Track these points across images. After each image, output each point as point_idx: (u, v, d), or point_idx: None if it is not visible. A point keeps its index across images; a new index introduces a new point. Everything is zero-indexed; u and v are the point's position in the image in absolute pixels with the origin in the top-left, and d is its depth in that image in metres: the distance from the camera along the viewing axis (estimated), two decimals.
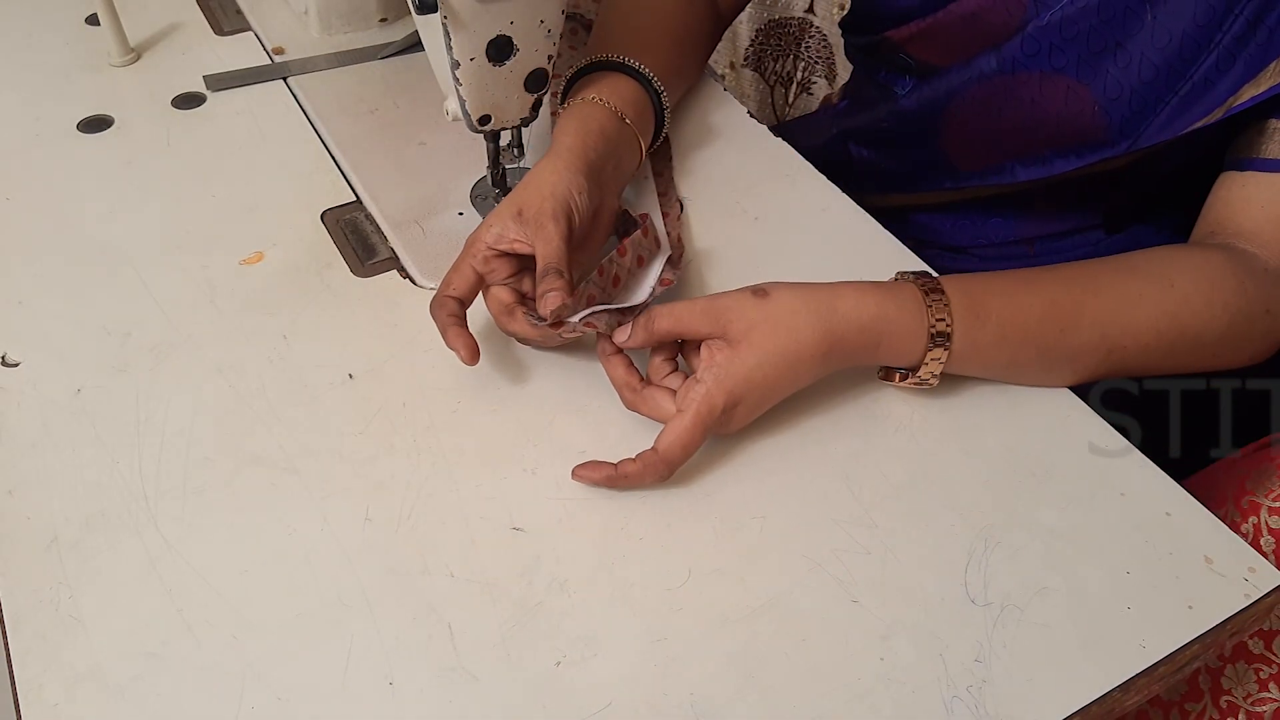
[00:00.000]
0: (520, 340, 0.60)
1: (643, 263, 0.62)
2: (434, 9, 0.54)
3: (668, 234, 0.68)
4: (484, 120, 0.62)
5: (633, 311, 0.56)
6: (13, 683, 0.44)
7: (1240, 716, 0.57)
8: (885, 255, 0.67)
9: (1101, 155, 0.67)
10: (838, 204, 0.72)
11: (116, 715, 0.43)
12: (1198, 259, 0.60)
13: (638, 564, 0.49)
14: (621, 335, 0.56)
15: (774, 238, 0.69)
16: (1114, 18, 0.63)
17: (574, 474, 0.53)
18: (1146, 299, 0.58)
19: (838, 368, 0.55)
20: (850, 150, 0.84)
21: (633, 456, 0.52)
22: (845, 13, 0.88)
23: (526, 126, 0.65)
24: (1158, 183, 0.74)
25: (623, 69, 0.67)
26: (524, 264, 0.59)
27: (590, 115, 0.64)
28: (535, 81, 0.61)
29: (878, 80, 0.80)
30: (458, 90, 0.60)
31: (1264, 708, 0.56)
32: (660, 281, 0.60)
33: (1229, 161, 0.64)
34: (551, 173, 0.59)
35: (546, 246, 0.57)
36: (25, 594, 0.47)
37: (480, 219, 0.69)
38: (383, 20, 0.89)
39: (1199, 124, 0.63)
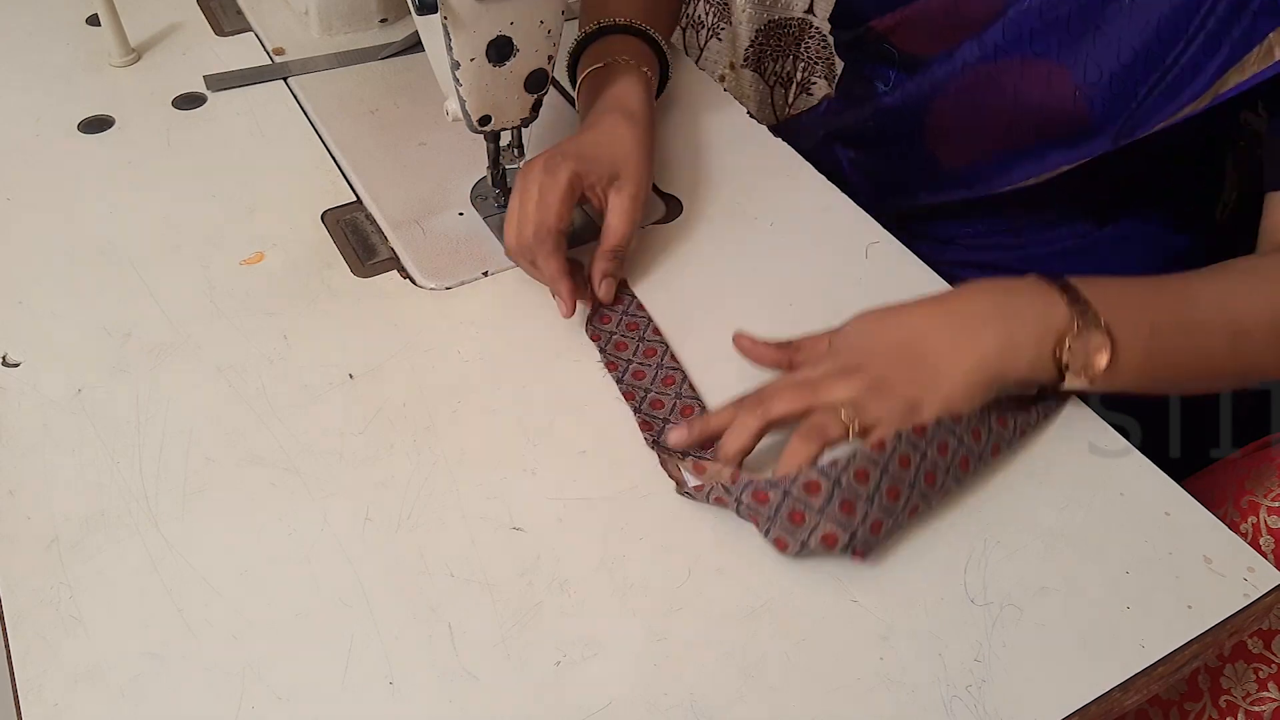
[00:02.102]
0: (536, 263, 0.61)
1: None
2: (434, 10, 0.54)
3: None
4: (484, 121, 0.62)
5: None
6: (13, 683, 0.44)
7: (1239, 716, 0.57)
8: (886, 255, 0.67)
9: (1093, 148, 0.67)
10: (838, 204, 0.72)
11: (116, 715, 0.43)
12: None
13: (638, 564, 0.49)
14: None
15: (774, 238, 0.69)
16: (1092, 2, 0.63)
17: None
18: (1259, 283, 0.56)
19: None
20: (837, 153, 0.84)
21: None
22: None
23: (527, 127, 0.65)
24: (1143, 170, 0.74)
25: (644, 37, 0.72)
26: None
27: (648, 88, 0.69)
28: (535, 82, 0.61)
29: (864, 74, 0.81)
30: (458, 91, 0.60)
31: (1263, 707, 0.56)
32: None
33: (1276, 181, 0.63)
34: (648, 144, 0.64)
35: (625, 222, 0.61)
36: (25, 594, 0.47)
37: (480, 219, 0.69)
38: (383, 21, 0.89)
39: (1187, 110, 0.62)
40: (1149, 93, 0.63)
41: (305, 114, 0.79)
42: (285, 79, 0.82)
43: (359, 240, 0.68)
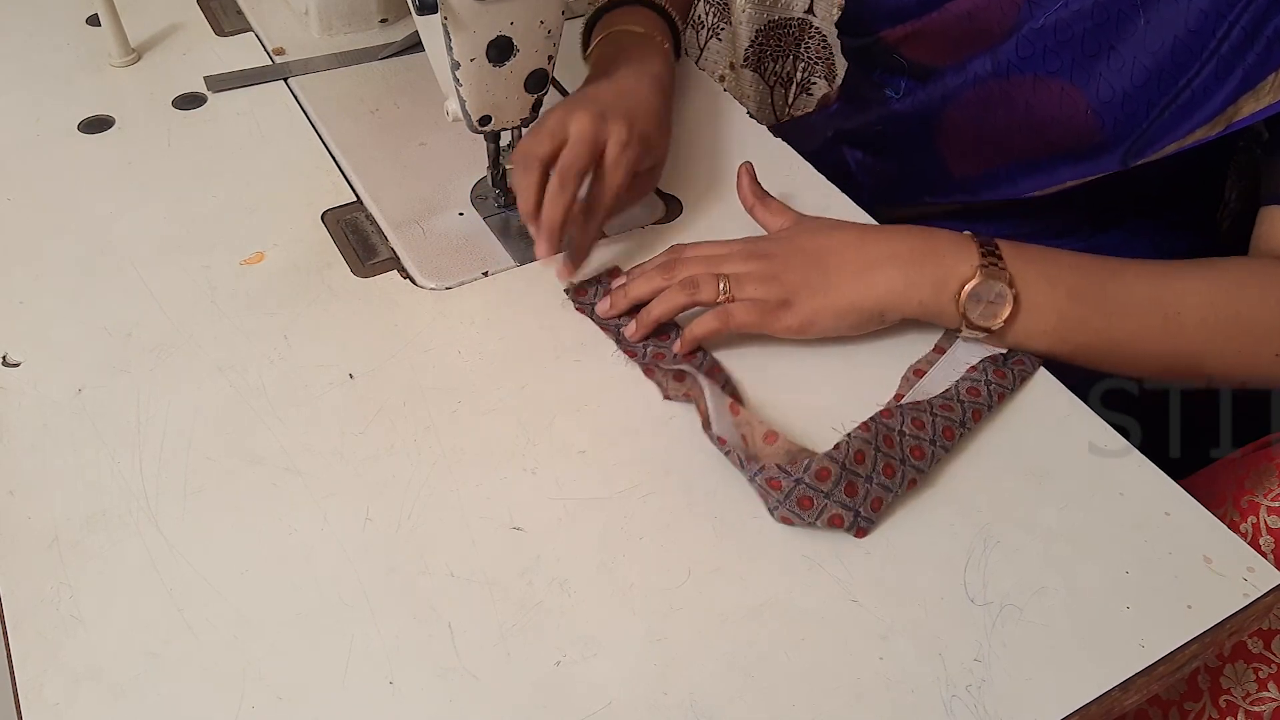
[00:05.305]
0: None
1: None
2: (434, 10, 0.55)
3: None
4: (484, 121, 0.62)
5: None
6: (13, 683, 0.44)
7: (1239, 716, 0.57)
8: None
9: (1102, 166, 0.67)
10: (838, 204, 0.72)
11: (116, 715, 0.43)
12: (1252, 260, 0.61)
13: (638, 564, 0.49)
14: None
15: None
16: (1107, 21, 0.63)
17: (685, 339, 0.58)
18: (1201, 276, 0.58)
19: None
20: (845, 154, 0.84)
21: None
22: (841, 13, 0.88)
23: (527, 127, 0.65)
24: (1150, 185, 0.74)
25: (662, 13, 0.74)
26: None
27: (668, 59, 0.71)
28: (535, 82, 0.62)
29: (872, 79, 0.80)
30: (458, 91, 0.60)
31: (1263, 707, 0.56)
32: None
33: (1270, 197, 0.63)
34: (665, 105, 0.67)
35: (636, 197, 0.65)
36: (25, 594, 0.47)
37: (480, 219, 0.69)
38: (383, 21, 0.89)
39: (1198, 134, 0.62)
40: (1161, 113, 0.63)
41: (305, 114, 0.79)
42: (285, 79, 0.82)
43: (359, 240, 0.68)
